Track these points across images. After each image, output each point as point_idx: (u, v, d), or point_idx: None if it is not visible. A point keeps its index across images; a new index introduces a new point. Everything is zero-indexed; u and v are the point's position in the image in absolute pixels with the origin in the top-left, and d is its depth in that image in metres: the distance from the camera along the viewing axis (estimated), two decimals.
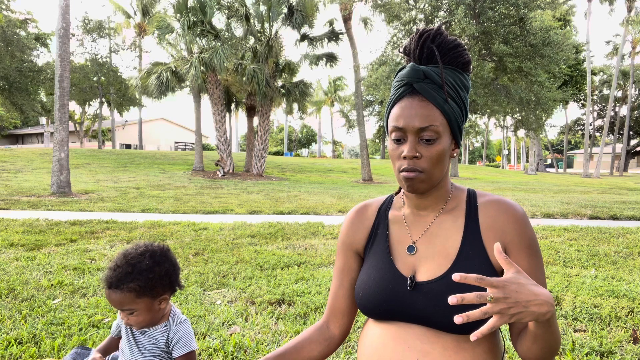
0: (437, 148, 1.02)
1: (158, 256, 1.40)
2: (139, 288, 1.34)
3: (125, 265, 1.36)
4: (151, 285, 1.36)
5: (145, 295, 1.36)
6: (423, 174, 1.03)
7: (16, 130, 57.29)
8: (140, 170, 18.95)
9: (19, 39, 26.19)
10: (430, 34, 1.04)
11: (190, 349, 1.43)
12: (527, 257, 1.04)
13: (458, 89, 1.05)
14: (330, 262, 4.48)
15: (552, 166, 56.71)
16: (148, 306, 1.37)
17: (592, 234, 6.12)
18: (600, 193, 14.96)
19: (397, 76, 1.09)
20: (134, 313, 1.36)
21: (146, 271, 1.36)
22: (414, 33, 1.08)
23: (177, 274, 1.46)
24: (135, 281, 1.34)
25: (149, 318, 1.39)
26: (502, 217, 1.06)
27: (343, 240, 1.24)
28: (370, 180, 19.25)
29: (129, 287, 1.33)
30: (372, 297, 1.09)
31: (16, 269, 3.98)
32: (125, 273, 1.34)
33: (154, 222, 6.77)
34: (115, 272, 1.35)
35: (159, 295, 1.39)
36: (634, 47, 40.42)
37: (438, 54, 1.03)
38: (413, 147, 1.02)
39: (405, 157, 1.02)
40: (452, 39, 1.05)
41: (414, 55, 1.06)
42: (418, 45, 1.05)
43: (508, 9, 20.60)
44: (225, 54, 17.49)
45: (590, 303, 3.23)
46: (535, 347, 0.94)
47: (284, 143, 63.92)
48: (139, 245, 1.42)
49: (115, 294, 1.34)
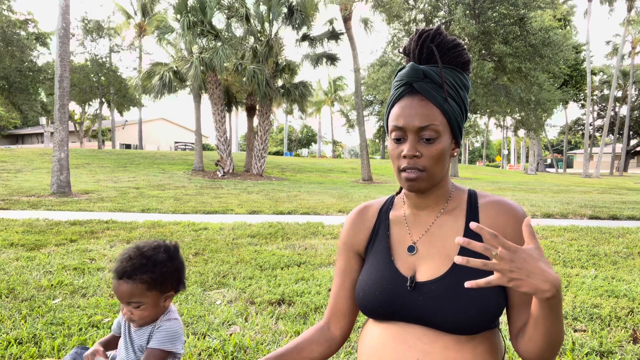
0: (438, 147, 1.02)
1: (172, 251, 1.42)
2: (151, 280, 1.34)
3: (140, 257, 1.36)
4: (162, 280, 1.37)
5: (155, 289, 1.36)
6: (424, 172, 1.03)
7: (16, 130, 57.29)
8: (140, 170, 18.95)
9: (19, 39, 26.18)
10: (430, 33, 1.05)
11: (161, 347, 1.36)
12: None
13: (458, 88, 1.05)
14: (330, 262, 4.49)
15: (552, 166, 56.70)
16: (155, 301, 1.37)
17: (592, 234, 6.12)
18: (600, 193, 14.96)
19: (396, 76, 1.09)
20: (140, 307, 1.35)
21: (160, 264, 1.36)
22: (414, 33, 1.08)
23: (184, 272, 1.47)
24: (149, 273, 1.34)
25: (153, 314, 1.39)
26: (502, 218, 1.06)
27: (344, 241, 1.24)
28: (370, 180, 19.25)
29: (142, 278, 1.33)
30: (372, 297, 1.09)
31: (16, 269, 3.98)
32: (140, 264, 1.34)
33: (154, 222, 6.77)
34: (129, 262, 1.35)
35: (167, 290, 1.40)
36: (634, 47, 40.44)
37: (437, 53, 1.04)
38: (413, 146, 1.02)
39: (405, 156, 1.02)
40: (451, 39, 1.05)
41: (413, 55, 1.07)
42: (417, 45, 1.05)
43: (508, 9, 20.60)
44: (225, 54, 17.49)
45: (590, 303, 3.23)
46: (536, 334, 0.93)
47: (284, 143, 63.92)
48: (151, 241, 1.43)
49: (126, 284, 1.33)
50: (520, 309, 1.03)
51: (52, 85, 27.94)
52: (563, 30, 25.41)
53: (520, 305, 1.03)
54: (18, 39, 26.05)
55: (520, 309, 1.03)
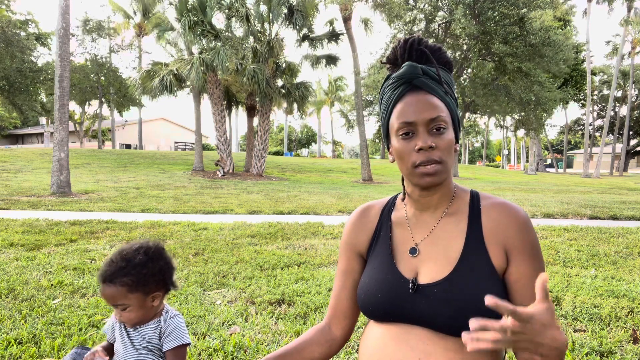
0: (448, 137, 1.04)
1: (152, 253, 1.41)
2: (131, 283, 1.35)
3: (120, 260, 1.37)
4: (144, 281, 1.37)
5: (137, 291, 1.37)
6: (441, 165, 1.03)
7: (16, 130, 57.27)
8: (140, 170, 18.95)
9: (19, 39, 26.17)
10: (415, 39, 1.09)
11: (182, 342, 1.42)
12: (528, 262, 1.03)
13: (451, 85, 1.09)
14: (330, 262, 4.48)
15: (552, 166, 56.69)
16: (140, 302, 1.38)
17: (592, 234, 6.12)
18: (600, 193, 14.96)
19: (390, 79, 1.10)
20: (126, 309, 1.37)
21: (139, 266, 1.37)
22: (396, 44, 1.11)
23: (171, 272, 1.46)
24: (129, 276, 1.35)
25: (140, 314, 1.40)
26: (504, 221, 1.06)
27: (346, 242, 1.24)
28: (370, 180, 19.25)
29: (122, 281, 1.35)
30: (373, 299, 1.09)
31: (16, 269, 3.98)
32: (119, 267, 1.36)
33: (154, 222, 6.77)
34: (109, 266, 1.37)
35: (151, 291, 1.40)
36: (633, 47, 40.43)
37: (430, 53, 1.07)
38: (428, 138, 1.02)
39: (421, 148, 1.02)
40: (434, 44, 1.10)
41: (402, 60, 1.09)
42: (405, 50, 1.08)
43: (508, 9, 20.59)
44: (226, 54, 17.48)
45: (590, 303, 3.23)
46: None
47: (284, 143, 63.90)
48: (135, 243, 1.44)
49: (109, 288, 1.35)
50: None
51: (52, 86, 27.93)
52: (563, 30, 25.38)
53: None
54: (18, 39, 26.04)
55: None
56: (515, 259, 1.03)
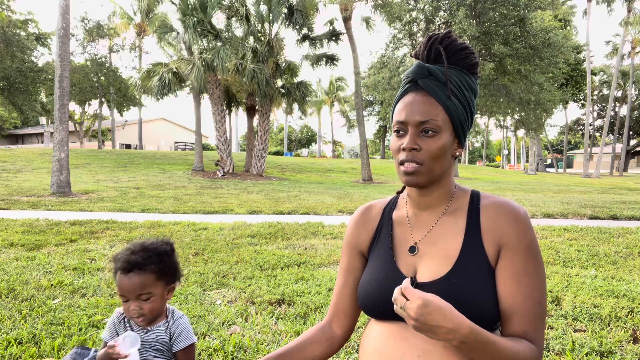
0: (437, 142, 1.04)
1: (172, 245, 1.50)
2: (159, 270, 1.40)
3: (145, 250, 1.41)
4: (167, 270, 1.43)
5: (162, 279, 1.42)
6: (421, 166, 1.04)
7: (16, 130, 57.26)
8: (140, 170, 18.95)
9: (20, 39, 26.17)
10: (439, 36, 1.08)
11: (191, 341, 1.47)
12: (523, 260, 1.03)
13: (463, 88, 1.06)
14: (330, 262, 4.49)
15: (552, 166, 56.68)
16: (162, 292, 1.43)
17: (592, 234, 6.12)
18: (600, 193, 14.95)
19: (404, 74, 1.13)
20: (150, 298, 1.39)
21: (165, 255, 1.44)
22: (426, 38, 1.11)
23: (180, 268, 1.54)
24: (157, 264, 1.40)
25: (159, 306, 1.42)
26: (502, 219, 1.06)
27: (348, 241, 1.25)
28: (370, 180, 19.25)
29: (151, 268, 1.39)
30: (373, 297, 1.10)
31: (16, 269, 3.98)
32: (148, 256, 1.40)
33: (154, 222, 6.77)
34: (134, 255, 1.40)
35: (170, 283, 1.45)
36: (633, 47, 40.42)
37: (444, 53, 1.06)
38: (413, 139, 1.04)
39: (404, 148, 1.04)
40: (460, 42, 1.08)
41: (422, 57, 1.10)
42: (426, 47, 1.09)
43: (509, 9, 20.59)
44: (226, 54, 17.48)
45: (590, 303, 3.23)
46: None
47: (284, 143, 63.88)
48: (147, 239, 1.49)
49: (137, 276, 1.37)
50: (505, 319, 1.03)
51: (52, 86, 27.94)
52: (563, 31, 25.36)
53: (505, 316, 1.03)
54: (18, 39, 26.05)
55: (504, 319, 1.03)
56: (509, 256, 1.03)
